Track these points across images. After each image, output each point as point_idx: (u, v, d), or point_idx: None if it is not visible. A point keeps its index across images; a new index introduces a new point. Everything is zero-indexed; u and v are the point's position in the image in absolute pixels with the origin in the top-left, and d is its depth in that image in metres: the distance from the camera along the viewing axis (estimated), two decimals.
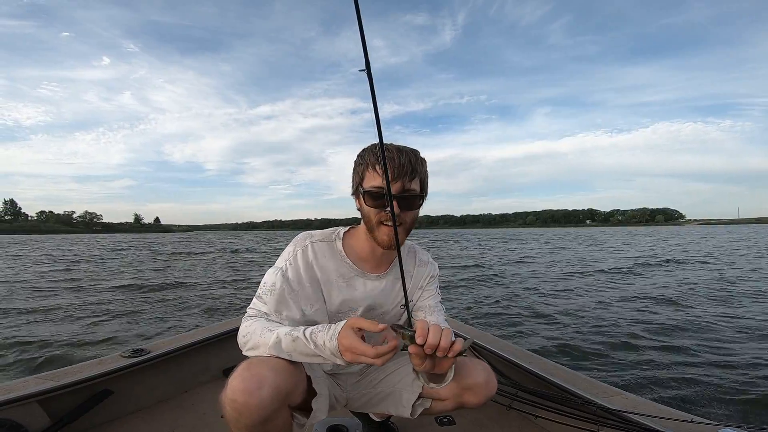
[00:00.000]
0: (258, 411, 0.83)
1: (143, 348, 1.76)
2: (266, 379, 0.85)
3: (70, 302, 6.80)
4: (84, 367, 1.56)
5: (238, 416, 0.84)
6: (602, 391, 1.45)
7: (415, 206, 1.05)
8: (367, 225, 1.06)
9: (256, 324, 0.97)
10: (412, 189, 1.01)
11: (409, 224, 1.06)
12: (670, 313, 5.29)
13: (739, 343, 3.85)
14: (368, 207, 1.03)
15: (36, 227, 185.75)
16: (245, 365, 0.88)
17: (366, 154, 1.04)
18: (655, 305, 5.80)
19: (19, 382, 1.41)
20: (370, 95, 0.88)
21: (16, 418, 1.29)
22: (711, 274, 9.34)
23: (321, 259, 1.09)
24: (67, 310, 6.06)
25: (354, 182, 1.07)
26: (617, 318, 5.02)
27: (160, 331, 4.86)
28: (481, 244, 29.41)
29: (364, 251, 1.12)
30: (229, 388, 0.85)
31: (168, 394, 1.80)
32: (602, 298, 6.48)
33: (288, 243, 1.13)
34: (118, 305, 6.57)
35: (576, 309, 5.66)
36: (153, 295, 7.57)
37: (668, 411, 1.27)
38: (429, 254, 1.26)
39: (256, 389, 0.83)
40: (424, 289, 1.20)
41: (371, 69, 0.88)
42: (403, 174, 0.99)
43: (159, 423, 1.59)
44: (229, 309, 6.27)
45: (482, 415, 1.66)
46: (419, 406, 1.13)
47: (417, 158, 1.03)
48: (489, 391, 1.06)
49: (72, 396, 1.45)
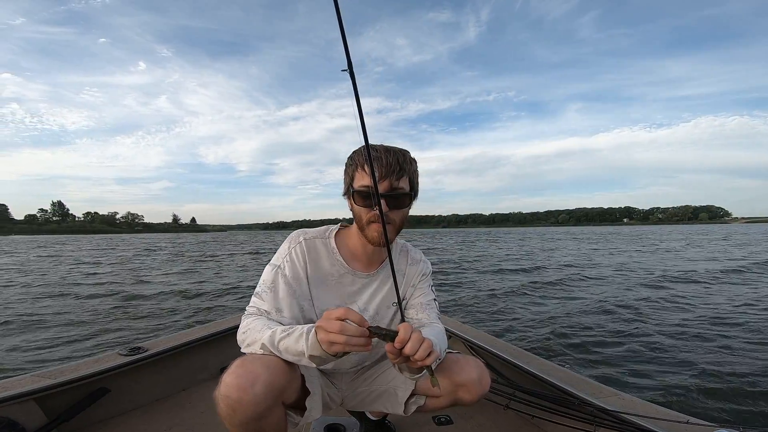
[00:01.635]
0: (252, 407, 0.84)
1: (141, 346, 1.76)
2: (260, 376, 0.85)
3: (71, 302, 6.79)
4: (81, 365, 1.56)
5: (232, 413, 0.85)
6: (599, 392, 1.45)
7: (404, 205, 1.06)
8: (358, 224, 1.08)
9: (255, 322, 0.98)
10: (400, 187, 1.03)
11: (399, 222, 1.08)
12: (672, 313, 5.31)
13: (738, 343, 3.87)
14: (358, 206, 1.05)
15: (83, 228, 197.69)
16: (239, 362, 0.88)
17: (355, 156, 1.06)
18: (671, 307, 5.82)
19: (16, 380, 1.40)
20: (354, 95, 0.89)
21: (13, 416, 1.29)
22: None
23: (314, 257, 1.11)
24: (68, 310, 6.06)
25: (345, 183, 1.10)
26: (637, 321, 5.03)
27: (159, 329, 4.86)
28: (525, 243, 27.62)
29: (356, 249, 1.14)
30: (223, 385, 0.85)
31: (166, 392, 1.80)
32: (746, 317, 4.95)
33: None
34: (118, 304, 6.57)
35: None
36: (165, 296, 7.57)
37: (665, 412, 1.28)
38: (421, 252, 1.27)
39: (250, 386, 0.84)
40: (416, 287, 1.21)
41: (353, 69, 0.88)
42: (391, 173, 1.01)
43: (156, 421, 1.58)
44: (229, 308, 6.27)
45: (480, 415, 1.66)
46: (413, 403, 1.14)
47: (405, 158, 1.05)
48: (482, 388, 1.07)
49: (69, 394, 1.45)
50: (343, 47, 0.86)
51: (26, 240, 70.66)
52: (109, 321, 5.30)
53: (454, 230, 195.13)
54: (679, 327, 4.53)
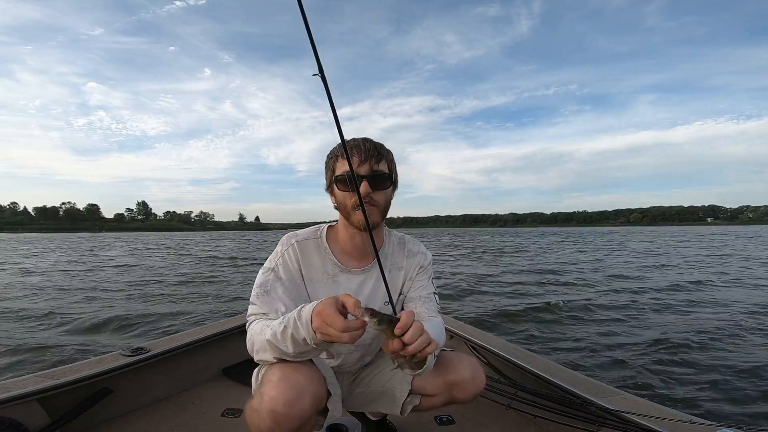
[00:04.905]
0: (298, 421, 0.84)
1: (143, 347, 1.76)
2: (305, 389, 0.86)
3: (75, 301, 6.80)
4: (83, 365, 1.56)
5: (276, 426, 0.84)
6: (601, 391, 1.45)
7: (385, 186, 1.09)
8: (343, 213, 1.09)
9: (256, 326, 0.98)
10: (380, 170, 1.06)
11: (384, 205, 1.09)
12: (673, 315, 5.29)
13: (738, 344, 3.85)
14: (341, 192, 1.07)
15: (163, 225, 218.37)
16: (280, 374, 0.87)
17: (333, 149, 1.10)
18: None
19: (19, 381, 1.40)
20: (327, 97, 0.95)
21: (15, 417, 1.29)
22: None
23: (307, 257, 1.11)
24: (69, 310, 6.07)
25: (327, 179, 1.12)
26: None
27: (164, 330, 4.87)
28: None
29: (346, 244, 1.14)
30: (267, 399, 0.84)
31: (168, 392, 1.80)
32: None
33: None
34: (124, 303, 6.57)
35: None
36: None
37: (667, 411, 1.28)
38: (421, 244, 1.26)
39: (297, 399, 0.84)
40: (414, 280, 1.20)
41: (324, 72, 0.95)
42: (369, 156, 1.05)
43: (158, 422, 1.59)
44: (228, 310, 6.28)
45: (481, 415, 1.66)
46: (408, 403, 1.14)
47: (382, 146, 1.11)
48: (476, 387, 1.07)
49: (71, 394, 1.45)
50: (313, 53, 0.92)
51: (112, 237, 73.57)
52: (109, 321, 5.30)
53: (513, 229, 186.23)
54: (688, 327, 4.51)
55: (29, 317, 5.36)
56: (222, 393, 1.85)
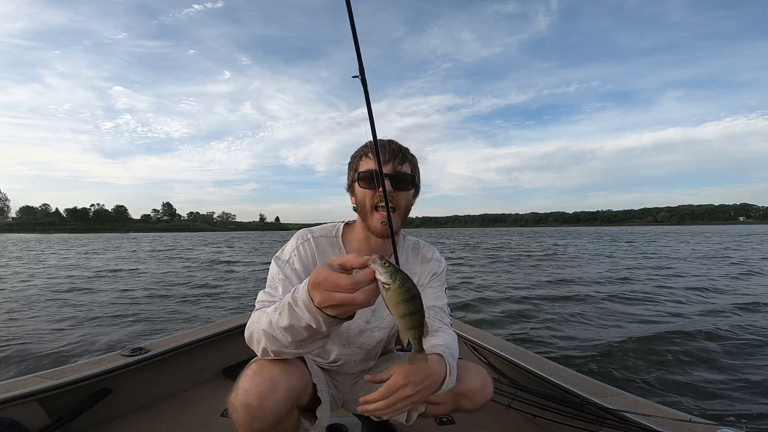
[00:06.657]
0: (272, 414, 0.83)
1: (143, 347, 1.76)
2: (280, 382, 0.84)
3: (75, 301, 6.79)
4: (83, 365, 1.56)
5: (252, 420, 0.83)
6: (601, 391, 1.45)
7: (408, 188, 1.08)
8: (362, 214, 1.08)
9: (255, 314, 0.93)
10: (404, 171, 1.06)
11: (404, 209, 1.08)
12: (673, 314, 5.29)
13: (739, 344, 3.85)
14: (362, 189, 1.06)
15: (187, 226, 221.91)
16: (256, 368, 0.86)
17: (359, 149, 1.10)
18: None
19: (19, 381, 1.40)
20: (365, 101, 0.93)
21: (15, 417, 1.29)
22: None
23: (321, 255, 1.10)
24: (70, 310, 6.06)
25: (349, 178, 1.11)
26: None
27: (162, 330, 4.86)
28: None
29: (362, 245, 1.12)
30: (241, 392, 0.83)
31: (167, 392, 1.80)
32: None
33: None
34: (124, 303, 6.57)
35: None
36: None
37: (667, 411, 1.28)
38: (436, 250, 1.23)
39: (270, 392, 0.83)
40: (426, 287, 1.16)
41: (365, 75, 0.91)
42: (394, 156, 1.04)
43: (158, 422, 1.58)
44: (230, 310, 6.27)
45: (481, 415, 1.66)
46: (414, 411, 1.10)
47: (408, 150, 1.10)
48: (485, 396, 1.06)
49: (71, 395, 1.45)
50: (356, 55, 0.89)
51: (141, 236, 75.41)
52: (110, 321, 5.30)
53: (533, 229, 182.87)
54: (684, 326, 4.51)
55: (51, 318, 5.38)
56: (222, 393, 1.84)
